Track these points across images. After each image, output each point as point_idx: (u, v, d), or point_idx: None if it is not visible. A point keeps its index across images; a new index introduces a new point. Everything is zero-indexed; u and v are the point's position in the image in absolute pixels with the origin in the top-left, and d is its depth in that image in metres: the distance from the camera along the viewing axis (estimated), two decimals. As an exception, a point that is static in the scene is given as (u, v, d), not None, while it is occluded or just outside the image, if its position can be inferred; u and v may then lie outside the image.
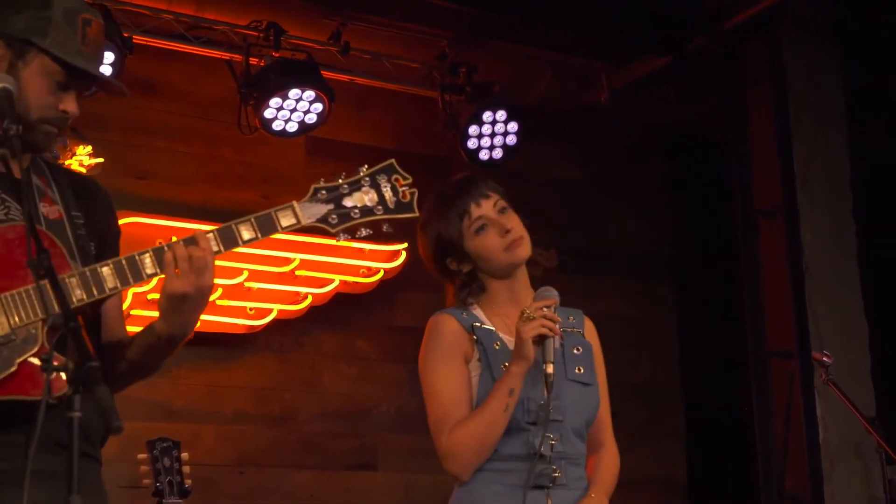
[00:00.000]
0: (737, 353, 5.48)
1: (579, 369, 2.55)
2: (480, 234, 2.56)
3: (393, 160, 2.25)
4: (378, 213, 2.20)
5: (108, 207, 2.26)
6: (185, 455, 3.75)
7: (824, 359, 4.34)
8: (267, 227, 2.13)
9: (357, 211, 2.18)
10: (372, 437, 5.32)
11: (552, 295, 2.49)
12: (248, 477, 5.02)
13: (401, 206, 2.22)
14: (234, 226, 2.11)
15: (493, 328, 2.56)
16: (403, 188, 2.23)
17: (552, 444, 2.45)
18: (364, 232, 2.20)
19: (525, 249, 2.56)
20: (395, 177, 2.23)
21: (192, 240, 2.06)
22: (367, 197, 2.19)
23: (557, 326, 2.43)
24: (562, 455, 2.48)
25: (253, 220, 2.12)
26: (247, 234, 2.12)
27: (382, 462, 5.31)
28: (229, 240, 2.10)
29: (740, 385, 5.43)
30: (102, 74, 2.20)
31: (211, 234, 2.09)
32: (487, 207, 2.59)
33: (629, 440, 6.20)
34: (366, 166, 2.22)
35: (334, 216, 2.17)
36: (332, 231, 2.17)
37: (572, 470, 2.50)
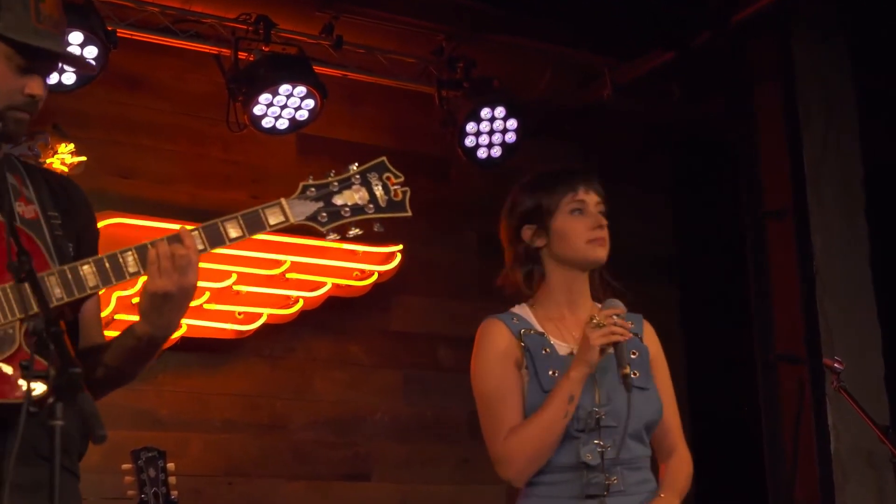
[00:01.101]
0: (744, 358, 5.48)
1: (635, 373, 2.58)
2: (574, 216, 2.64)
3: (384, 158, 2.25)
4: (369, 211, 2.20)
5: (87, 208, 2.25)
6: (171, 465, 3.75)
7: (835, 365, 4.34)
8: (254, 225, 2.13)
9: (348, 209, 2.19)
10: (366, 447, 5.31)
11: (619, 305, 2.56)
12: (237, 488, 5.02)
13: (392, 205, 2.22)
14: (220, 223, 2.10)
15: (543, 332, 2.60)
16: (395, 187, 2.23)
17: (601, 452, 2.49)
18: (354, 231, 2.21)
19: (604, 252, 2.64)
20: (386, 175, 2.23)
21: (175, 237, 2.06)
22: (357, 195, 2.20)
23: (628, 332, 2.50)
24: (617, 461, 2.51)
25: (240, 217, 2.12)
26: (233, 232, 2.11)
27: (377, 472, 5.31)
28: (215, 238, 2.10)
29: (747, 392, 5.43)
30: (64, 50, 2.16)
31: (196, 232, 2.08)
32: (592, 199, 2.67)
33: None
34: (356, 164, 2.23)
35: (324, 214, 2.17)
36: (322, 230, 2.17)
37: (630, 475, 2.53)
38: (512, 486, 2.60)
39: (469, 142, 5.30)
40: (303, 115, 4.99)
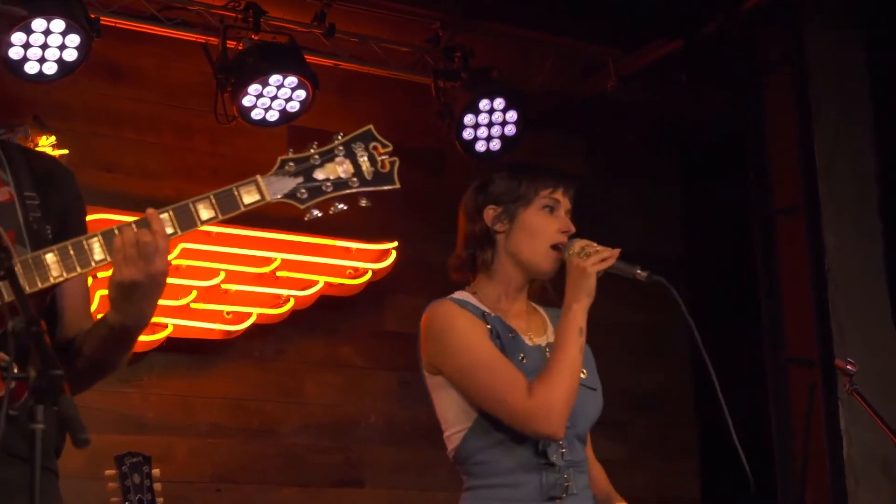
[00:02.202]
0: (754, 360, 5.49)
1: (583, 373, 2.58)
2: (544, 212, 2.60)
3: (370, 126, 2.19)
4: (353, 185, 2.13)
5: (72, 189, 2.23)
6: (156, 471, 3.75)
7: (848, 367, 4.35)
8: (228, 205, 2.08)
9: (329, 184, 2.12)
10: (359, 452, 5.32)
11: (583, 239, 2.55)
12: (225, 495, 5.03)
13: (379, 178, 2.14)
14: (191, 204, 2.06)
15: (499, 316, 2.58)
16: (382, 157, 2.16)
17: (562, 453, 2.49)
18: (338, 207, 2.13)
19: (556, 268, 2.59)
20: (373, 144, 2.17)
21: (144, 221, 2.02)
22: (340, 168, 2.13)
23: (615, 250, 2.51)
24: (570, 463, 2.52)
25: (212, 197, 2.07)
26: (205, 213, 2.07)
27: (370, 478, 5.32)
28: (186, 220, 2.06)
29: (757, 395, 5.44)
30: None
31: (165, 214, 2.05)
32: (566, 204, 2.63)
33: (638, 455, 6.21)
34: (341, 134, 2.17)
35: (303, 191, 2.11)
36: (302, 207, 2.11)
37: (580, 478, 2.54)
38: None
39: (467, 134, 5.30)
40: (294, 106, 4.99)
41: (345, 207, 2.14)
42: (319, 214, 2.13)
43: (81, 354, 2.12)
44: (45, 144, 4.59)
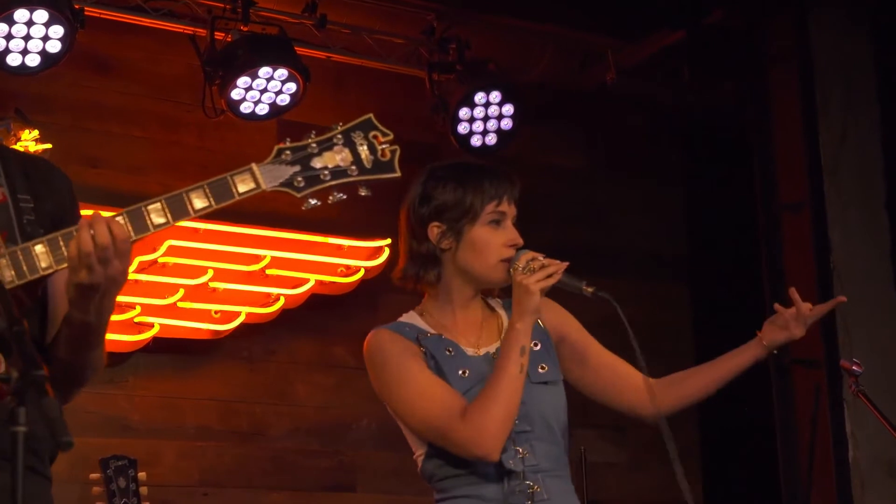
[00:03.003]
0: (758, 361, 5.49)
1: (543, 367, 2.58)
2: (491, 227, 2.57)
3: (370, 115, 2.22)
4: (352, 174, 2.14)
5: (64, 189, 2.25)
6: (142, 475, 3.75)
7: (854, 367, 4.35)
8: (222, 194, 2.09)
9: (327, 172, 2.13)
10: (351, 455, 5.33)
11: (530, 252, 2.53)
12: (213, 499, 5.03)
13: (379, 166, 2.16)
14: (184, 194, 2.08)
15: (440, 335, 2.58)
16: (383, 146, 2.19)
17: (522, 458, 2.49)
18: (337, 196, 2.14)
19: (508, 277, 2.57)
20: (372, 133, 2.19)
21: (104, 222, 2.01)
22: (339, 156, 2.15)
23: (561, 262, 2.49)
24: (536, 468, 2.50)
25: (206, 186, 2.09)
26: (199, 202, 2.08)
27: (362, 482, 5.32)
28: (179, 209, 2.07)
29: (761, 396, 5.45)
30: None
31: (158, 204, 2.06)
32: (511, 213, 2.60)
33: (639, 458, 6.21)
34: (340, 123, 2.19)
35: (300, 179, 2.12)
36: (299, 196, 2.12)
37: (553, 483, 2.53)
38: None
39: (462, 129, 5.30)
40: (284, 99, 4.99)
41: (343, 196, 2.15)
42: (318, 203, 2.14)
43: (55, 357, 2.12)
44: (28, 138, 4.59)
